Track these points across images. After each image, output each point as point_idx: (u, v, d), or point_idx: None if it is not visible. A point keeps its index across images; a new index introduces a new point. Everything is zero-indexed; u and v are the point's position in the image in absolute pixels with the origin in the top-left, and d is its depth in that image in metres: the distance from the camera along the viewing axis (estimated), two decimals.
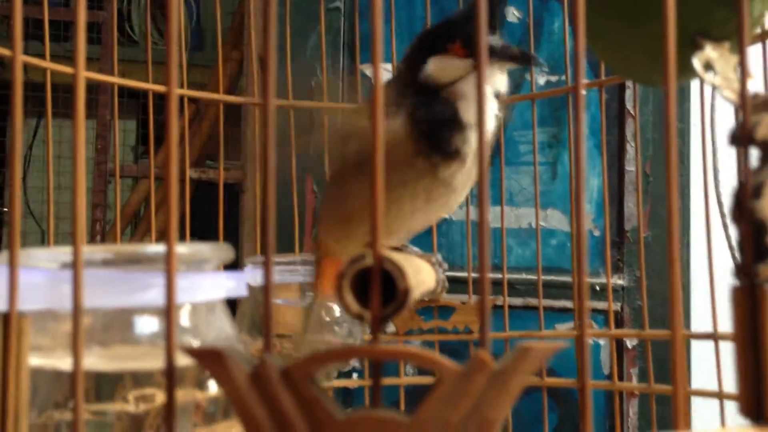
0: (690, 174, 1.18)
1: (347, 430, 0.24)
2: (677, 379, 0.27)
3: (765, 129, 0.28)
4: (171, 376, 0.25)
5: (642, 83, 0.33)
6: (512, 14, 1.23)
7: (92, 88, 1.41)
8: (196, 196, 1.38)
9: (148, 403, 0.32)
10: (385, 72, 1.20)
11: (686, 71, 0.31)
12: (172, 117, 0.26)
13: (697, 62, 0.30)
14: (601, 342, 1.18)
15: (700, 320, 1.11)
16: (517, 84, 1.22)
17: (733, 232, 0.30)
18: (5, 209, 2.53)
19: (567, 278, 1.16)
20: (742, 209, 0.28)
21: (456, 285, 0.84)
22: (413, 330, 0.80)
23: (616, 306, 1.19)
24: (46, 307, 0.29)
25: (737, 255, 0.28)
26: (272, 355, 0.24)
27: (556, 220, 1.21)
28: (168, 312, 0.25)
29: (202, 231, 0.83)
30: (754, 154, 0.28)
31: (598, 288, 1.16)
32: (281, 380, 0.24)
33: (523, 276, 1.18)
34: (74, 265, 0.26)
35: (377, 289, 0.25)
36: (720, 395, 0.69)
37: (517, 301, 1.15)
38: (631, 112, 1.19)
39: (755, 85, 0.30)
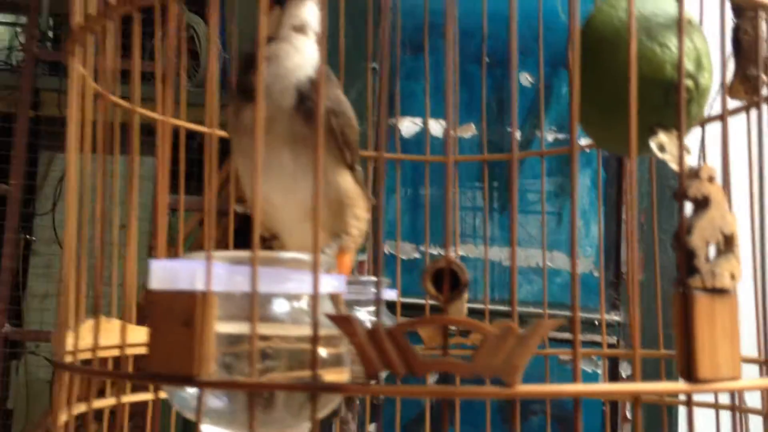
0: None
1: (427, 366, 0.39)
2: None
3: (694, 190, 0.43)
4: (315, 336, 0.40)
5: (618, 154, 0.48)
6: (525, 79, 1.40)
7: (147, 128, 1.57)
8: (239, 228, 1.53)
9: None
10: (414, 125, 1.37)
11: (645, 149, 0.46)
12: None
13: (653, 144, 0.45)
14: (599, 371, 1.32)
15: None
16: (528, 140, 1.38)
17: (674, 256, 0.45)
18: (34, 238, 2.68)
19: (569, 313, 1.31)
20: (680, 241, 0.44)
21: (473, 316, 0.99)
22: (437, 345, 0.94)
23: (613, 340, 1.33)
24: (224, 289, 0.44)
25: (677, 271, 0.43)
26: (381, 320, 0.40)
27: (561, 261, 1.36)
28: (314, 297, 0.41)
29: None
30: (689, 206, 0.44)
31: (596, 323, 1.30)
32: (387, 335, 0.39)
33: (531, 309, 1.33)
34: (252, 262, 0.41)
35: (447, 280, 0.40)
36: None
37: None
38: (628, 168, 1.35)
39: (691, 160, 0.45)
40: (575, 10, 0.41)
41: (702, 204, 0.43)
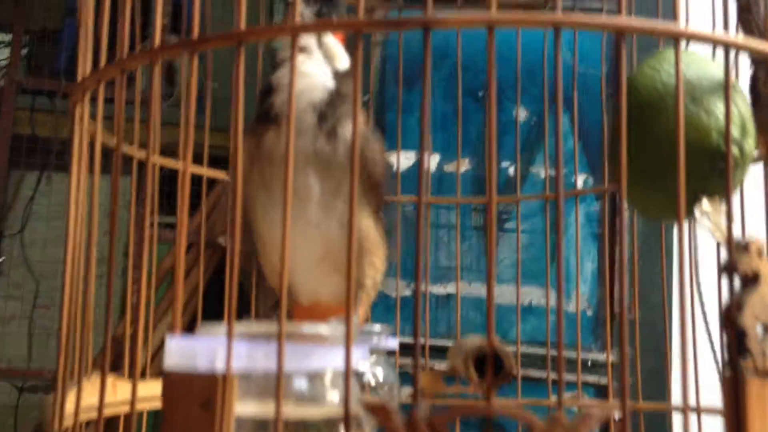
0: (673, 264, 1.32)
1: None
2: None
3: (744, 265, 0.41)
4: (347, 421, 0.37)
5: (655, 219, 0.46)
6: (521, 113, 1.38)
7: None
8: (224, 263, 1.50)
9: None
10: (406, 160, 1.34)
11: (688, 216, 0.44)
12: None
13: (697, 212, 0.43)
14: None
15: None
16: (522, 175, 1.36)
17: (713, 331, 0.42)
18: (2, 258, 2.61)
19: (564, 352, 1.29)
20: (730, 319, 0.41)
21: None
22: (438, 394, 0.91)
23: (605, 380, 1.31)
24: (245, 368, 0.41)
25: (725, 353, 0.41)
26: (420, 408, 0.37)
27: (554, 299, 1.34)
28: (346, 378, 0.38)
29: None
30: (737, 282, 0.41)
31: (589, 363, 1.28)
32: (427, 427, 0.36)
33: (524, 349, 1.30)
34: (278, 338, 0.38)
35: (491, 367, 0.37)
36: None
37: (519, 372, 1.28)
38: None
39: (737, 229, 0.43)
40: (622, 69, 0.39)
41: (751, 280, 0.41)
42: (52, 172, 2.48)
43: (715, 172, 0.42)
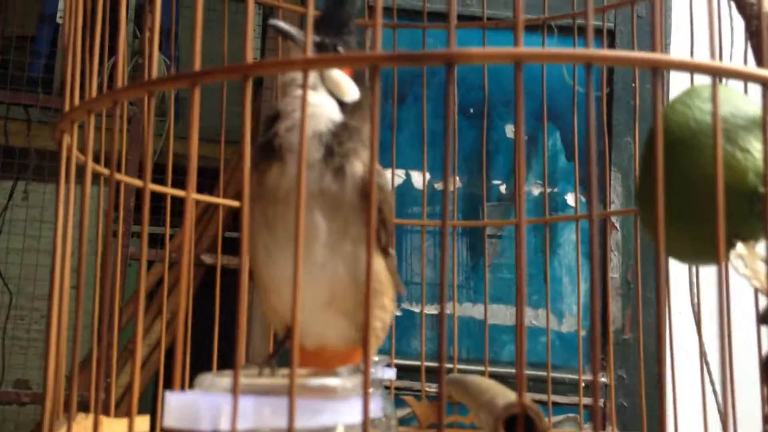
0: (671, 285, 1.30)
1: None
2: None
3: None
4: None
5: (684, 262, 0.44)
6: (511, 131, 1.36)
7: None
8: (207, 280, 1.47)
9: None
10: (397, 177, 1.32)
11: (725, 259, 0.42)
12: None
13: (732, 256, 0.41)
14: None
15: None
16: (510, 196, 1.34)
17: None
18: None
19: (555, 374, 1.26)
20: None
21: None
22: (433, 424, 0.89)
23: (600, 403, 1.29)
24: (251, 427, 0.38)
25: (764, 406, 0.39)
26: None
27: (546, 319, 1.32)
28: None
29: (208, 313, 0.90)
30: None
31: (583, 384, 1.26)
32: None
33: (514, 371, 1.28)
34: (291, 393, 0.35)
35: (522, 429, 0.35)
36: None
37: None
38: (615, 224, 1.32)
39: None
40: (658, 107, 0.37)
41: None
42: (27, 183, 2.43)
43: (752, 215, 0.40)
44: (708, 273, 0.86)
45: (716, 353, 0.85)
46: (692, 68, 0.37)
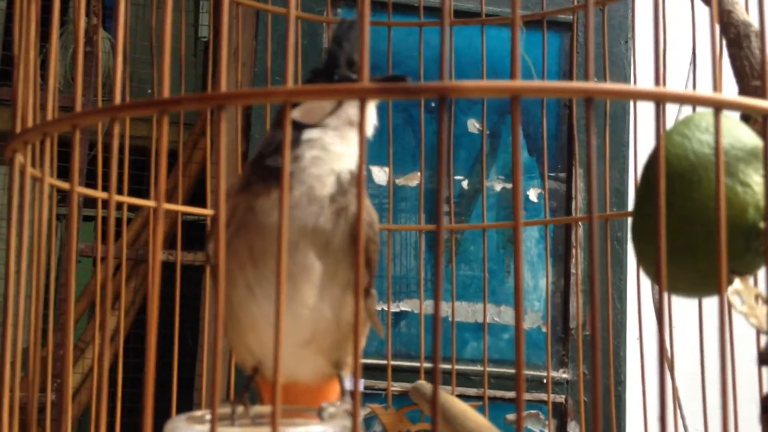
0: (627, 277, 1.30)
1: None
2: None
3: None
4: None
5: (679, 296, 0.42)
6: (473, 126, 1.34)
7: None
8: (164, 276, 1.42)
9: None
10: (384, 174, 1.29)
11: (714, 292, 0.40)
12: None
13: (729, 292, 0.39)
14: (546, 431, 1.27)
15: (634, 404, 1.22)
16: (475, 189, 1.32)
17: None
18: None
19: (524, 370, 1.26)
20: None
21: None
22: (401, 431, 0.87)
23: (561, 398, 1.29)
24: None
25: None
26: None
27: (508, 316, 1.31)
28: None
29: (167, 311, 0.87)
30: None
31: (544, 381, 1.26)
32: None
33: (478, 368, 1.27)
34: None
35: None
36: None
37: (471, 392, 1.24)
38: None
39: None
40: (661, 143, 0.35)
41: None
42: None
43: (749, 251, 0.39)
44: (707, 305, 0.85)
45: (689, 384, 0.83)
46: (695, 101, 0.35)
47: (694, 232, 0.38)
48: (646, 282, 1.08)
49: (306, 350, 0.53)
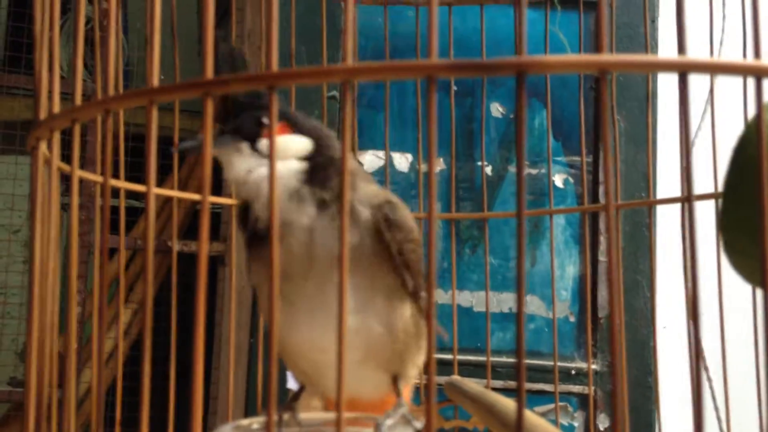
0: (656, 264, 1.27)
1: None
2: None
3: None
4: None
5: (760, 286, 0.39)
6: (497, 110, 1.30)
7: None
8: (179, 267, 1.39)
9: None
10: (377, 159, 1.25)
11: None
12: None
13: None
14: (575, 423, 1.24)
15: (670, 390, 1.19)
16: (500, 175, 1.29)
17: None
18: None
19: (544, 362, 1.23)
20: None
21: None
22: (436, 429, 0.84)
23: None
24: None
25: None
26: None
27: (534, 305, 1.28)
28: None
29: (183, 302, 0.85)
30: None
31: (573, 372, 1.23)
32: None
33: (504, 359, 1.24)
34: None
35: None
36: None
37: (498, 384, 1.21)
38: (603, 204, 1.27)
39: None
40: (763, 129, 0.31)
41: None
42: None
43: None
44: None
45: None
46: (730, 70, 0.32)
47: None
48: (675, 272, 1.04)
49: (364, 367, 0.51)
